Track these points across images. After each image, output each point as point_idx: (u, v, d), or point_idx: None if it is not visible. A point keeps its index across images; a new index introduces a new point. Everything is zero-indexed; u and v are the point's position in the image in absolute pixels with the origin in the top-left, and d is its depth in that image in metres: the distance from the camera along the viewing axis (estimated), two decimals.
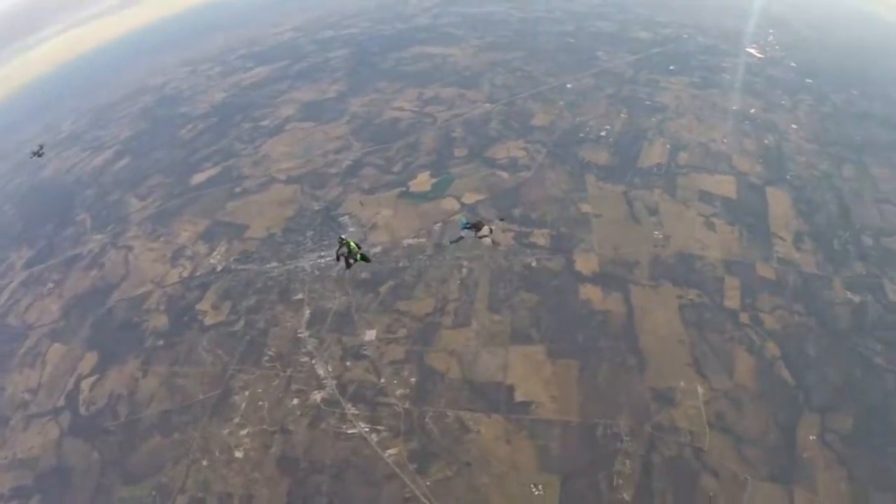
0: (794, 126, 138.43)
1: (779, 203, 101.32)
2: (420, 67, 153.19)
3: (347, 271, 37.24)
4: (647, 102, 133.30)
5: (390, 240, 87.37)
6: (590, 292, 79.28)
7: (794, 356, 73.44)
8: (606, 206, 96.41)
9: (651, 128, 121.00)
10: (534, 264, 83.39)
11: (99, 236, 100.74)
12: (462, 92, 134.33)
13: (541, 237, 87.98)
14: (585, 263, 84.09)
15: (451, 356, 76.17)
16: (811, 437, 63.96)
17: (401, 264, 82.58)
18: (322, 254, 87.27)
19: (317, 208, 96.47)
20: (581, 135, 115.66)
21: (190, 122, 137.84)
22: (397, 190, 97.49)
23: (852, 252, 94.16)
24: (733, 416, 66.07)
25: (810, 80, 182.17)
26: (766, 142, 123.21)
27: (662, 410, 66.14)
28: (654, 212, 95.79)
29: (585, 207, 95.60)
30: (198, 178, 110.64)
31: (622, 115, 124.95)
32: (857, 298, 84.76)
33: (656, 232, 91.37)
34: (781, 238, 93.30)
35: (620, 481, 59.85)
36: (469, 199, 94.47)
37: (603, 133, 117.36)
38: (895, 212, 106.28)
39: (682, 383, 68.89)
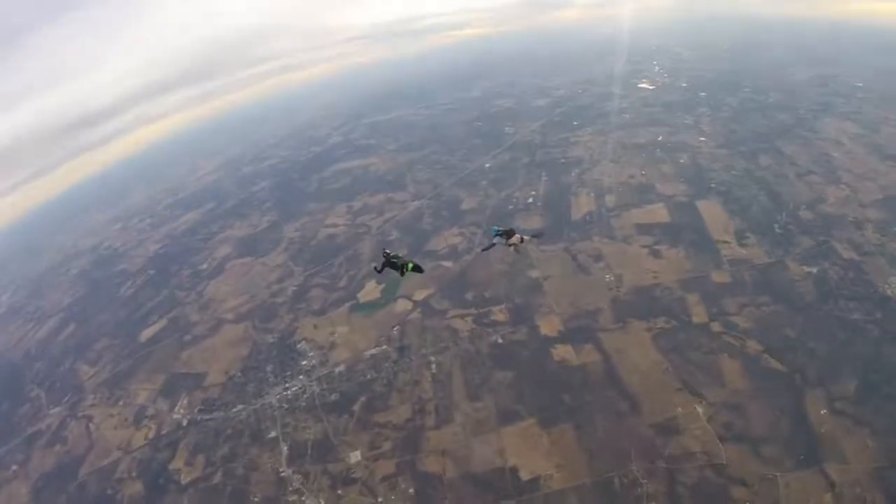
0: (702, 139, 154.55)
1: (712, 212, 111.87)
2: (344, 182, 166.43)
3: (379, 274, 41.49)
4: (562, 160, 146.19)
5: (352, 355, 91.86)
6: (562, 352, 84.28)
7: (777, 344, 79.59)
8: (553, 266, 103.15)
9: (573, 182, 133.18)
10: (500, 341, 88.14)
11: (56, 409, 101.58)
12: (389, 196, 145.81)
13: (499, 313, 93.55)
14: (549, 326, 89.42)
15: (444, 456, 75.54)
16: (822, 412, 69.36)
17: (369, 376, 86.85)
18: (287, 385, 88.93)
19: (271, 341, 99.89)
20: (510, 207, 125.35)
21: (129, 279, 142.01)
22: (348, 304, 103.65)
23: (794, 230, 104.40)
24: (740, 422, 70.31)
25: (704, 94, 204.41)
26: (681, 161, 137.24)
27: (670, 441, 69.64)
28: (599, 258, 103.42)
29: (534, 273, 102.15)
30: (146, 333, 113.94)
31: (543, 179, 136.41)
32: (814, 269, 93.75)
33: (607, 276, 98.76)
34: (725, 242, 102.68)
35: None
36: (419, 295, 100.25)
37: (530, 200, 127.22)
38: (820, 179, 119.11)
39: (679, 409, 73.09)
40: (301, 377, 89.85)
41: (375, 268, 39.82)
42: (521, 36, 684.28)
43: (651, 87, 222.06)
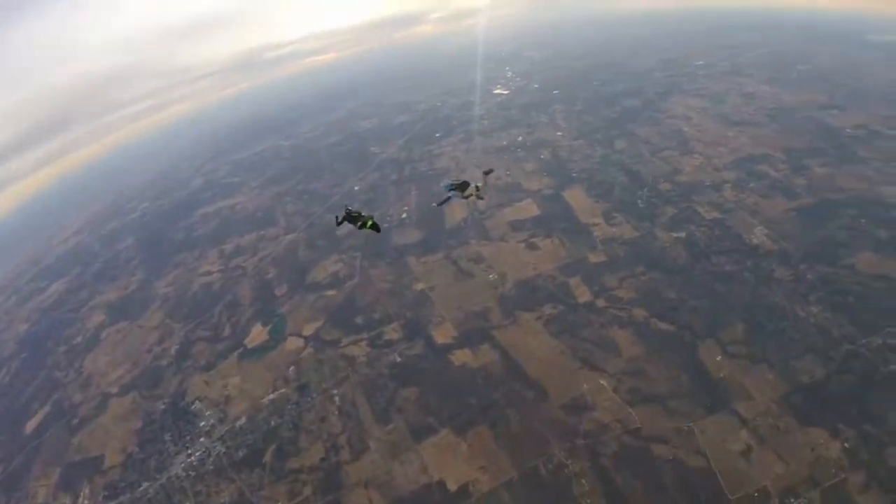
0: (559, 133, 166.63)
1: (578, 199, 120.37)
2: (212, 226, 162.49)
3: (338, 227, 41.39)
4: (430, 172, 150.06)
5: (251, 405, 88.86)
6: (461, 357, 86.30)
7: (661, 308, 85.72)
8: (436, 276, 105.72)
9: (443, 192, 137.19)
10: (398, 359, 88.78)
11: None
12: (261, 233, 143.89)
13: (392, 332, 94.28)
14: (444, 334, 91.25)
15: (367, 487, 74.15)
16: (718, 359, 75.63)
17: (273, 423, 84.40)
18: (189, 451, 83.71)
19: (163, 408, 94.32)
20: (386, 225, 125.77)
21: (1, 368, 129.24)
22: (236, 353, 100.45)
23: (657, 202, 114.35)
24: (644, 385, 75.53)
25: (556, 92, 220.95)
26: (542, 157, 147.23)
27: (584, 418, 72.68)
28: (479, 260, 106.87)
29: (419, 286, 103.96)
30: (31, 424, 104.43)
31: (414, 193, 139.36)
32: (682, 234, 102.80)
33: (490, 275, 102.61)
34: (595, 224, 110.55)
35: (589, 501, 66.89)
36: (309, 330, 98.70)
37: (404, 215, 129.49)
38: (675, 153, 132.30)
39: (585, 386, 77.01)
40: (202, 439, 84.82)
41: (336, 217, 41.38)
42: (380, 55, 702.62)
43: (506, 92, 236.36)
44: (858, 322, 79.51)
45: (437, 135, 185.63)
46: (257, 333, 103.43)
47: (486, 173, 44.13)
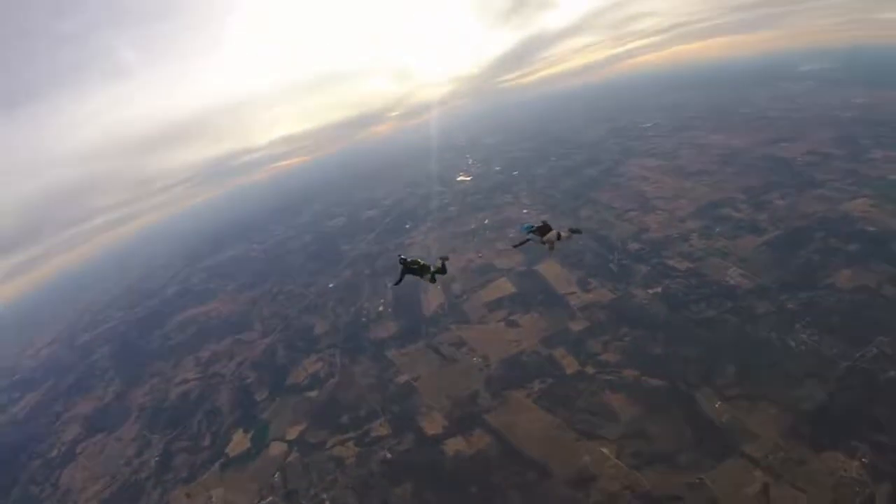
0: (525, 211, 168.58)
1: (551, 271, 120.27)
2: (188, 334, 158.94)
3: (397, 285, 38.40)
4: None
5: None
6: (454, 446, 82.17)
7: (650, 364, 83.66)
8: (419, 365, 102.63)
9: (418, 281, 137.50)
10: (389, 456, 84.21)
11: None
12: (237, 338, 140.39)
13: (380, 428, 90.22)
14: (433, 424, 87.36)
15: None
16: (716, 405, 73.49)
17: None
18: None
19: None
20: (363, 320, 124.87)
21: None
22: (218, 463, 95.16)
23: (629, 262, 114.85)
24: (647, 446, 71.99)
25: (516, 172, 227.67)
26: (511, 235, 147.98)
27: (591, 490, 68.28)
28: (461, 344, 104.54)
29: (402, 378, 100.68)
30: None
31: (388, 285, 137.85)
32: (658, 289, 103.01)
33: (474, 358, 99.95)
34: (571, 294, 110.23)
35: None
36: (293, 433, 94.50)
37: (381, 308, 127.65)
38: (638, 214, 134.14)
39: (586, 457, 73.88)
40: None
41: (394, 283, 40.14)
42: (344, 155, 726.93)
43: (469, 178, 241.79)
44: (849, 338, 79.51)
45: (407, 226, 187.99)
46: (239, 441, 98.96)
47: (574, 231, 42.18)
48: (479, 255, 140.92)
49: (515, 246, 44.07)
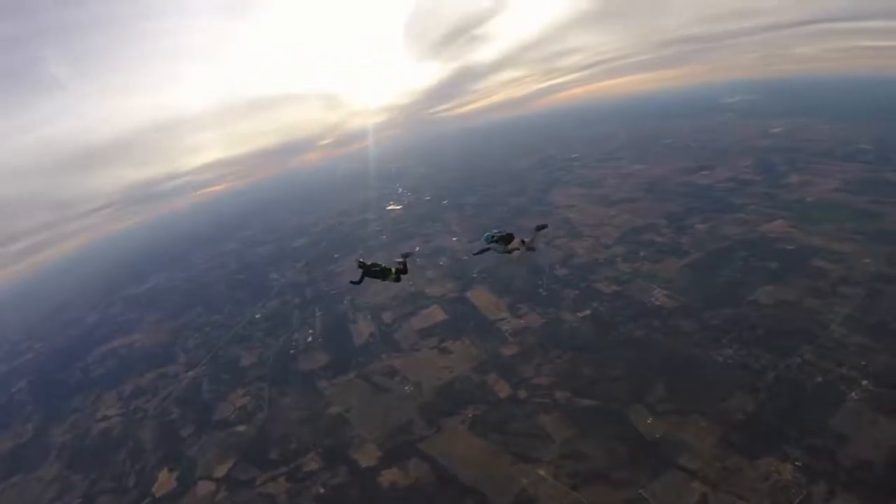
0: (454, 239, 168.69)
1: (481, 297, 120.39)
2: (109, 366, 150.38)
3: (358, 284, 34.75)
4: (333, 292, 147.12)
5: None
6: (389, 477, 79.45)
7: (582, 385, 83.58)
8: (351, 396, 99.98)
9: (347, 310, 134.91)
10: (322, 491, 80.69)
11: None
12: (161, 371, 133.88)
13: (312, 462, 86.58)
14: (367, 456, 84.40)
15: None
16: (648, 421, 73.94)
17: None
18: None
19: None
20: (292, 352, 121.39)
21: None
22: None
23: (557, 287, 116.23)
24: (584, 465, 70.83)
25: (446, 201, 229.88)
26: (441, 263, 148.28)
27: None
28: (393, 374, 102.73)
29: (333, 410, 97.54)
30: None
31: (318, 315, 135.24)
32: (587, 312, 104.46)
33: (406, 387, 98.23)
34: (502, 319, 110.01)
35: None
36: (220, 471, 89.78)
37: (310, 339, 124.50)
38: (566, 240, 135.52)
39: (524, 480, 71.68)
40: None
41: (352, 282, 39.34)
42: (273, 183, 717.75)
43: (399, 207, 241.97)
44: (774, 349, 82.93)
45: (336, 255, 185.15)
46: (165, 480, 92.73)
47: (539, 228, 40.88)
48: (411, 283, 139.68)
49: (476, 254, 42.37)
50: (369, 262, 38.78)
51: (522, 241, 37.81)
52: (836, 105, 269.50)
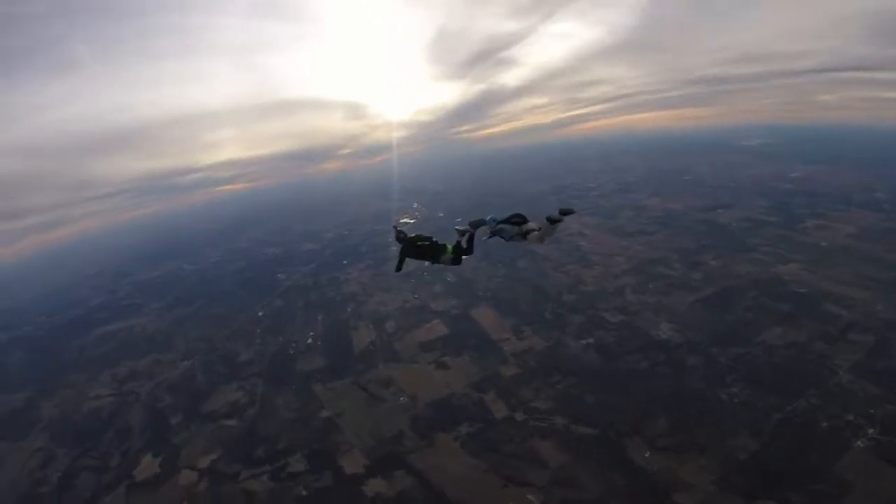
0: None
1: (486, 317, 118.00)
2: (108, 347, 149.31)
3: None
4: (338, 298, 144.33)
5: None
6: (374, 486, 77.14)
7: (581, 412, 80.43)
8: (344, 401, 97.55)
9: (350, 316, 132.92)
10: (304, 493, 78.61)
11: None
12: (157, 358, 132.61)
13: (298, 463, 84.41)
14: (354, 463, 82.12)
15: None
16: (646, 454, 71.14)
17: None
18: None
19: None
20: (291, 351, 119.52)
21: None
22: (124, 485, 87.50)
23: (563, 313, 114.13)
24: (576, 493, 68.03)
25: (459, 219, 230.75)
26: (448, 280, 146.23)
27: None
28: (389, 383, 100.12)
29: (325, 413, 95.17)
30: None
31: (320, 319, 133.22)
32: (591, 339, 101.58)
33: (401, 398, 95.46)
34: (505, 339, 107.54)
35: None
36: (204, 462, 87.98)
37: (310, 341, 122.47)
38: (574, 267, 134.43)
39: None
40: None
41: (396, 269, 30.05)
42: (289, 187, 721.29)
43: (412, 221, 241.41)
44: (780, 391, 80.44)
45: (345, 262, 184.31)
46: (148, 465, 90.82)
47: (564, 213, 28.80)
48: (416, 296, 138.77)
49: (486, 238, 31.97)
50: (412, 235, 29.97)
51: (540, 228, 29.85)
52: (855, 153, 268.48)
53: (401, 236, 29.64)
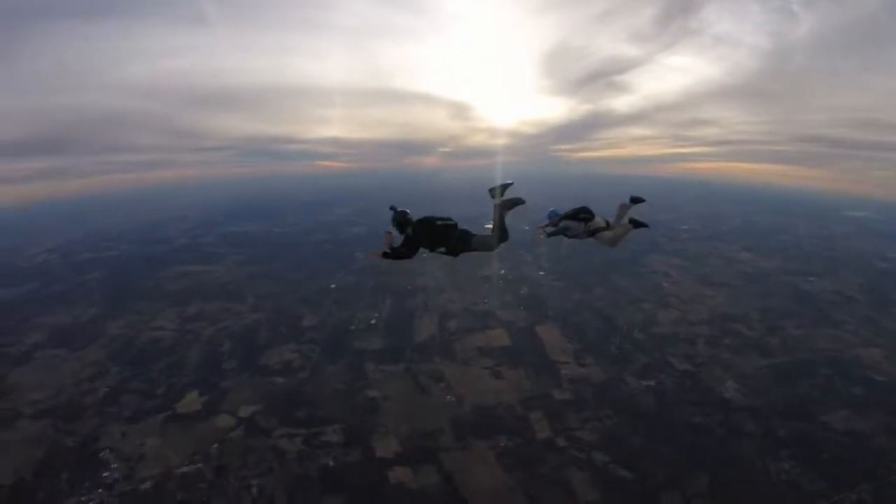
0: (541, 273, 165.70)
1: (550, 336, 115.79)
2: (181, 286, 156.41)
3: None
4: (409, 287, 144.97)
5: (162, 471, 77.43)
6: (400, 474, 76.96)
7: (624, 453, 78.27)
8: (392, 386, 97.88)
9: (417, 307, 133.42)
10: (331, 463, 79.16)
11: None
12: (227, 306, 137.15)
13: (333, 434, 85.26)
14: (386, 447, 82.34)
15: None
16: None
17: (179, 497, 72.89)
18: (82, 498, 72.63)
19: (71, 445, 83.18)
20: (353, 327, 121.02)
21: None
22: (164, 414, 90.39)
23: (630, 349, 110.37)
24: None
25: (543, 236, 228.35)
26: (521, 292, 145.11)
27: None
28: (440, 379, 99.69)
29: (371, 393, 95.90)
30: None
31: (388, 302, 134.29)
32: (652, 382, 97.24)
33: (448, 396, 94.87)
34: (565, 363, 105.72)
35: None
36: (245, 411, 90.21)
37: (373, 321, 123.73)
38: (650, 306, 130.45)
39: None
40: (100, 490, 73.55)
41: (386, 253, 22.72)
42: (385, 174, 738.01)
43: (489, 226, 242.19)
44: (832, 478, 74.57)
45: (424, 255, 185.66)
46: (191, 401, 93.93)
47: (635, 201, 28.24)
48: (486, 300, 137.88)
49: (550, 235, 29.02)
50: (441, 218, 23.44)
51: (608, 224, 28.28)
52: None
53: (398, 216, 22.96)
